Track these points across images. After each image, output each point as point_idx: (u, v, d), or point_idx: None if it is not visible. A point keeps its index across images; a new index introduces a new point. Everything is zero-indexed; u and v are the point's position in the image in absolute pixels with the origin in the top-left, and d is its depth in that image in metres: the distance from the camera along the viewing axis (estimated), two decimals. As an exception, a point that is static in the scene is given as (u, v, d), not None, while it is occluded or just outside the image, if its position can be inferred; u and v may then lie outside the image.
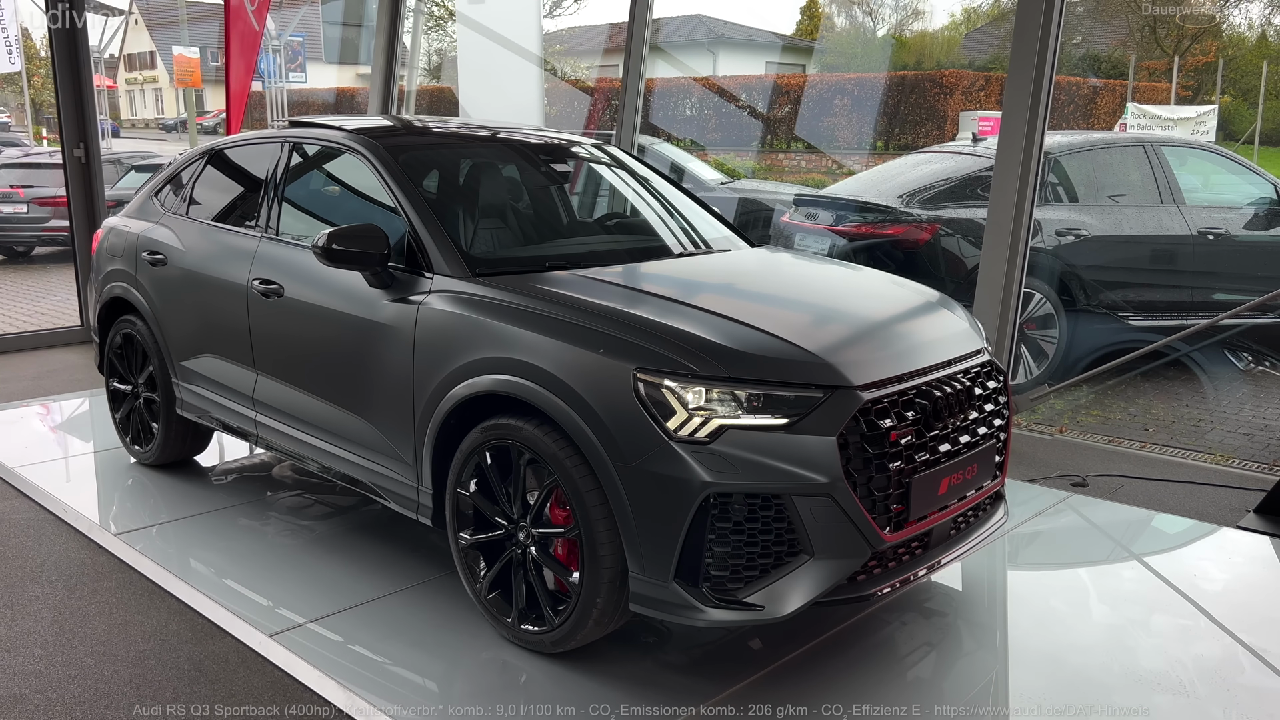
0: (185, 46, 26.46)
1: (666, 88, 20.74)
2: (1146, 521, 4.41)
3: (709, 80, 19.86)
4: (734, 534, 2.80)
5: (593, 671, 3.11)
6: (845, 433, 2.82)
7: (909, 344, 3.18)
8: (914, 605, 3.59)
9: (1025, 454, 5.33)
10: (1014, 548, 4.14)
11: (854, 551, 2.88)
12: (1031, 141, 5.47)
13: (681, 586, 2.82)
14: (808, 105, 21.68)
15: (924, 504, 3.02)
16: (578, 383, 2.93)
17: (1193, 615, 3.54)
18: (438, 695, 3.09)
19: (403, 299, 3.46)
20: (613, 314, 3.06)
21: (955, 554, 3.24)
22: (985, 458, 3.27)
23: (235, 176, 4.54)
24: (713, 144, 20.53)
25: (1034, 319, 6.66)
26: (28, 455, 5.21)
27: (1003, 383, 3.44)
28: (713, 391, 2.82)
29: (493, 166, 4.19)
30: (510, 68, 12.00)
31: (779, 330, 3.05)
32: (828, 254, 7.03)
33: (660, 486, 2.80)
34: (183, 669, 3.17)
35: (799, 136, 21.65)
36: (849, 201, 7.07)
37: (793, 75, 24.39)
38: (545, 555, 3.10)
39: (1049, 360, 6.71)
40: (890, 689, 3.10)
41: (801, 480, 2.78)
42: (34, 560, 3.97)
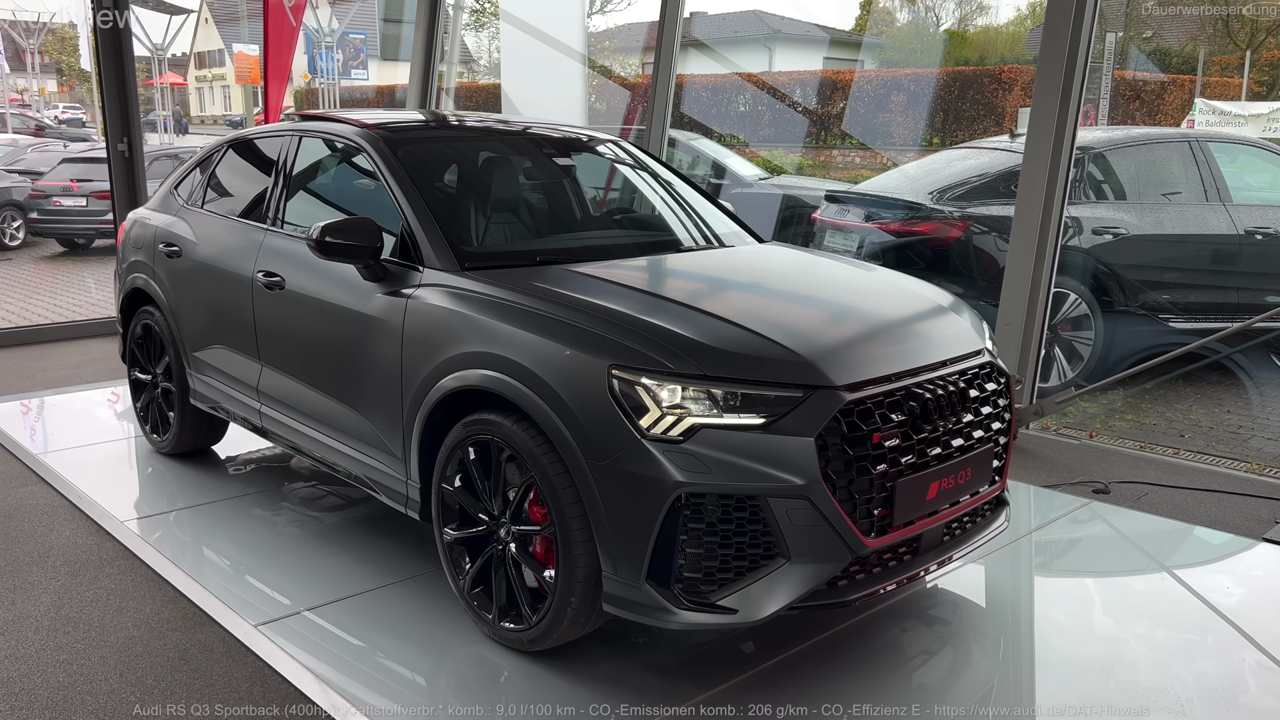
0: (246, 44, 26.96)
1: (712, 83, 20.62)
2: (1165, 531, 4.25)
3: (754, 76, 19.68)
4: (707, 535, 2.74)
5: (573, 670, 3.07)
6: (824, 434, 2.75)
7: (899, 343, 3.10)
8: (916, 611, 3.50)
9: (1049, 459, 5.18)
10: (1022, 554, 4.02)
11: (833, 556, 2.80)
12: (1061, 138, 5.31)
13: (653, 588, 2.77)
14: (863, 101, 21.42)
15: (910, 509, 2.93)
16: (553, 378, 2.90)
17: (1199, 627, 3.40)
18: (416, 691, 3.07)
19: (394, 292, 3.45)
20: (592, 309, 3.02)
21: (946, 560, 3.15)
22: (981, 462, 3.16)
23: (246, 170, 4.59)
24: (763, 140, 20.39)
25: (1068, 320, 6.48)
26: (52, 442, 5.33)
27: (1004, 385, 3.33)
28: (688, 389, 2.77)
29: (497, 161, 4.16)
30: (554, 64, 12.02)
31: (762, 328, 2.98)
32: (857, 251, 6.92)
33: (632, 485, 2.75)
34: (168, 657, 3.20)
35: (851, 133, 21.40)
36: (879, 198, 6.94)
37: (848, 71, 24.11)
38: (523, 552, 3.08)
39: (1084, 363, 6.52)
40: (890, 689, 3.04)
41: (777, 482, 2.71)
42: (43, 545, 4.04)
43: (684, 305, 3.12)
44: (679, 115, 15.08)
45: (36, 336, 8.12)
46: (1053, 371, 6.49)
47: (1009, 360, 5.43)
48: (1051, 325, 6.47)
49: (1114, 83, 17.91)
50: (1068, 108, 5.29)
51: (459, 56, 10.19)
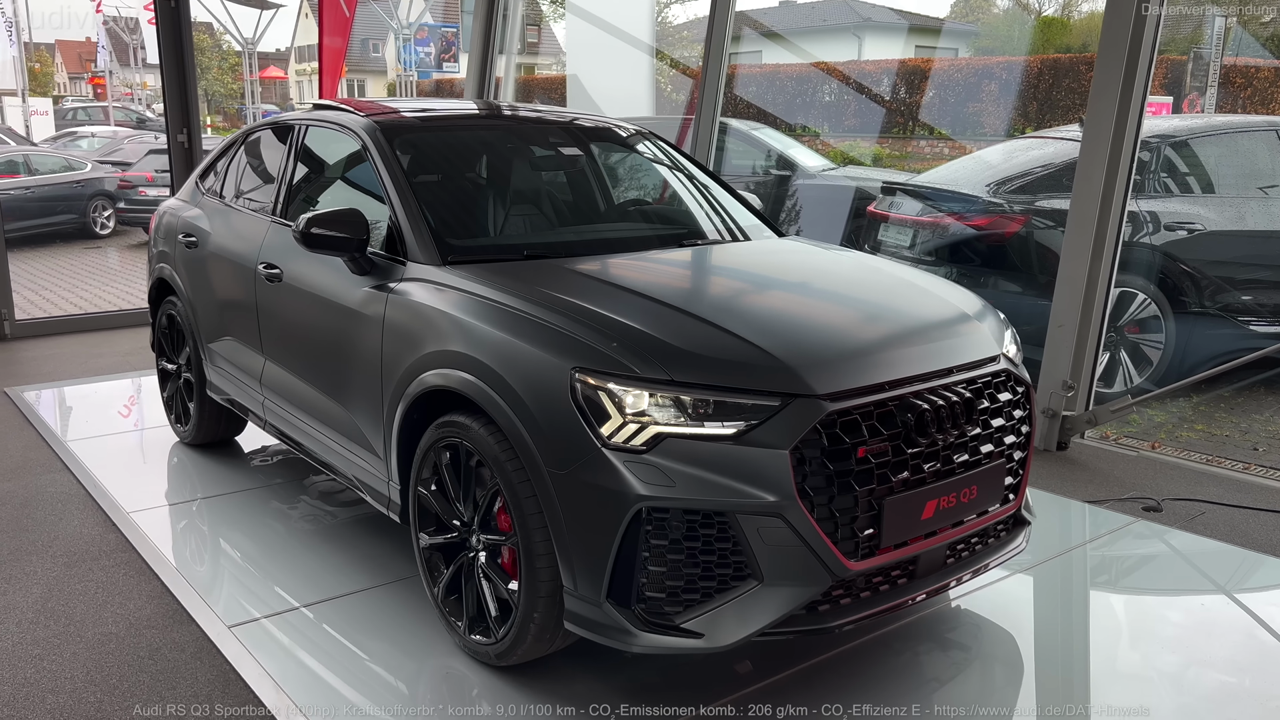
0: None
1: (791, 73, 20.18)
2: (1217, 554, 3.89)
3: (829, 65, 19.20)
4: (671, 553, 2.55)
5: (542, 686, 2.91)
6: (802, 447, 2.53)
7: (895, 349, 2.85)
8: (933, 634, 3.25)
9: (1101, 471, 4.83)
10: (1054, 575, 3.72)
11: (811, 579, 2.58)
12: (1124, 126, 4.94)
13: (614, 607, 2.59)
14: (953, 90, 20.74)
15: (901, 529, 2.69)
16: (516, 380, 2.74)
17: (1236, 665, 3.07)
18: (376, 702, 2.95)
19: (379, 286, 3.34)
20: (563, 307, 2.85)
21: (949, 585, 2.90)
22: (990, 479, 2.90)
23: (258, 160, 4.54)
24: (848, 130, 19.89)
25: (1136, 322, 6.07)
26: (83, 430, 5.39)
27: (1022, 396, 3.05)
28: (656, 396, 2.57)
29: (499, 152, 4.02)
30: (622, 55, 11.89)
31: (744, 330, 2.78)
32: (910, 246, 6.60)
33: (592, 497, 2.57)
34: (138, 657, 3.14)
35: (940, 122, 20.75)
36: (934, 190, 6.61)
37: (939, 59, 23.41)
38: (492, 563, 2.93)
39: (1152, 367, 6.10)
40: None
41: (747, 498, 2.50)
42: (48, 535, 4.05)
43: (665, 304, 2.93)
44: (746, 105, 14.79)
45: (99, 324, 8.30)
46: (1117, 377, 6.09)
47: (1059, 364, 5.09)
48: (1117, 327, 6.08)
49: (1223, 70, 16.96)
50: (1131, 94, 4.91)
51: (521, 47, 10.08)
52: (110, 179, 15.74)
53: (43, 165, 15.87)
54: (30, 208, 14.93)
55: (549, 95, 16.14)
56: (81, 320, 8.43)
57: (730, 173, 9.37)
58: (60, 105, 28.02)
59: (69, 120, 25.68)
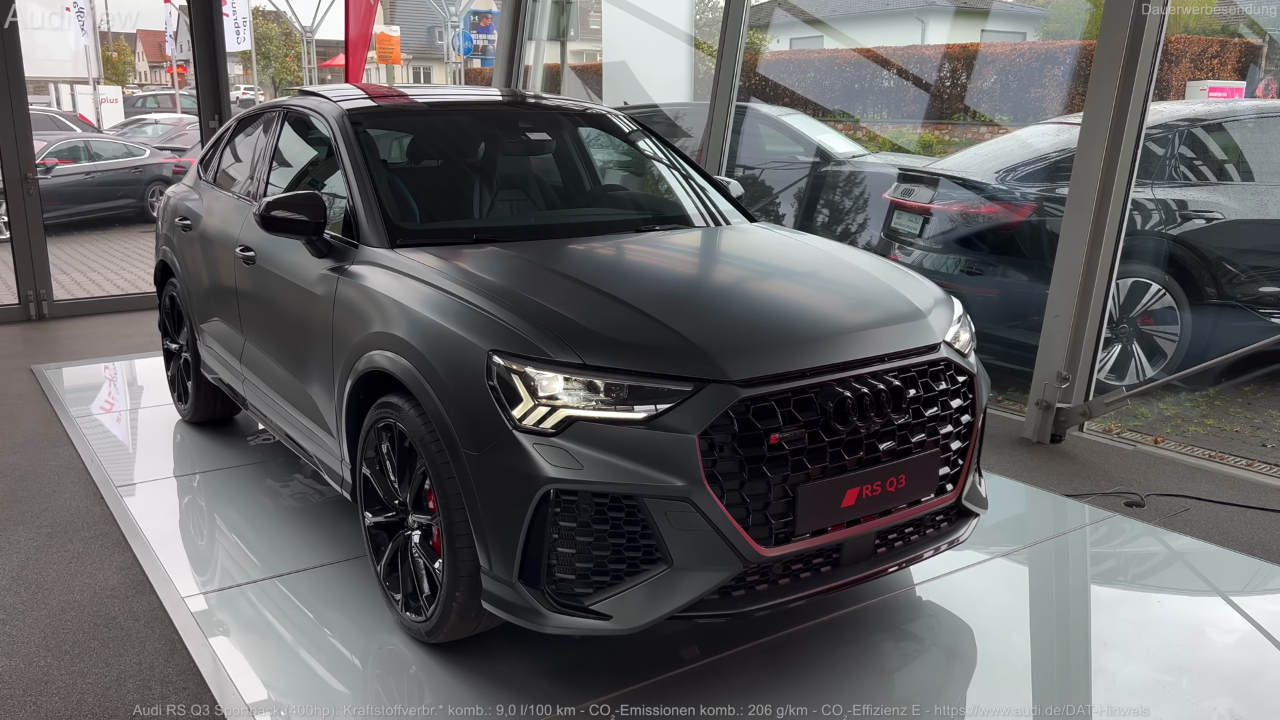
0: (387, 25, 27.80)
1: (828, 58, 19.92)
2: (1188, 551, 3.78)
3: (873, 51, 18.90)
4: (580, 535, 2.57)
5: (474, 666, 2.95)
6: (711, 432, 2.53)
7: (823, 337, 2.82)
8: (889, 624, 3.22)
9: (1091, 464, 4.73)
10: (1013, 569, 3.65)
11: (721, 564, 2.59)
12: (1124, 111, 4.80)
13: (525, 587, 2.62)
14: (1016, 75, 20.29)
15: (819, 516, 2.68)
16: (440, 362, 2.78)
17: (1175, 666, 2.99)
18: (313, 672, 3.02)
19: (335, 268, 3.40)
20: (489, 290, 2.88)
21: (877, 574, 2.87)
22: (921, 468, 2.86)
23: (245, 145, 4.64)
24: (901, 116, 19.59)
25: (1149, 313, 5.91)
26: (93, 406, 5.57)
27: (964, 386, 3.01)
28: (569, 379, 2.59)
29: (464, 138, 4.06)
30: (658, 44, 11.90)
31: (667, 315, 2.78)
32: (919, 233, 6.50)
33: (504, 479, 2.60)
34: (95, 625, 3.25)
35: (998, 108, 20.31)
36: (945, 177, 6.49)
37: (1002, 44, 22.90)
38: (423, 542, 2.98)
39: (1166, 360, 5.93)
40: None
41: (654, 482, 2.51)
42: (39, 506, 4.21)
43: (594, 289, 2.94)
44: (782, 91, 14.66)
45: (133, 305, 8.55)
46: (1129, 369, 5.94)
47: (1054, 355, 4.98)
48: (1129, 318, 5.93)
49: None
50: (1132, 79, 4.78)
51: (574, 34, 10.12)
52: (167, 165, 16.16)
53: (104, 151, 16.36)
54: (90, 192, 15.42)
55: (590, 82, 16.19)
56: (116, 301, 8.70)
57: (753, 159, 9.32)
58: (130, 93, 28.79)
59: (138, 108, 26.44)
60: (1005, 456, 4.83)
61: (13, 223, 7.89)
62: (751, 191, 9.16)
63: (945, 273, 6.26)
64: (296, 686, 2.93)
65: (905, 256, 6.57)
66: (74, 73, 27.11)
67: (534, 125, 4.16)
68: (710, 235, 3.75)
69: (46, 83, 25.98)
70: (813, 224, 8.51)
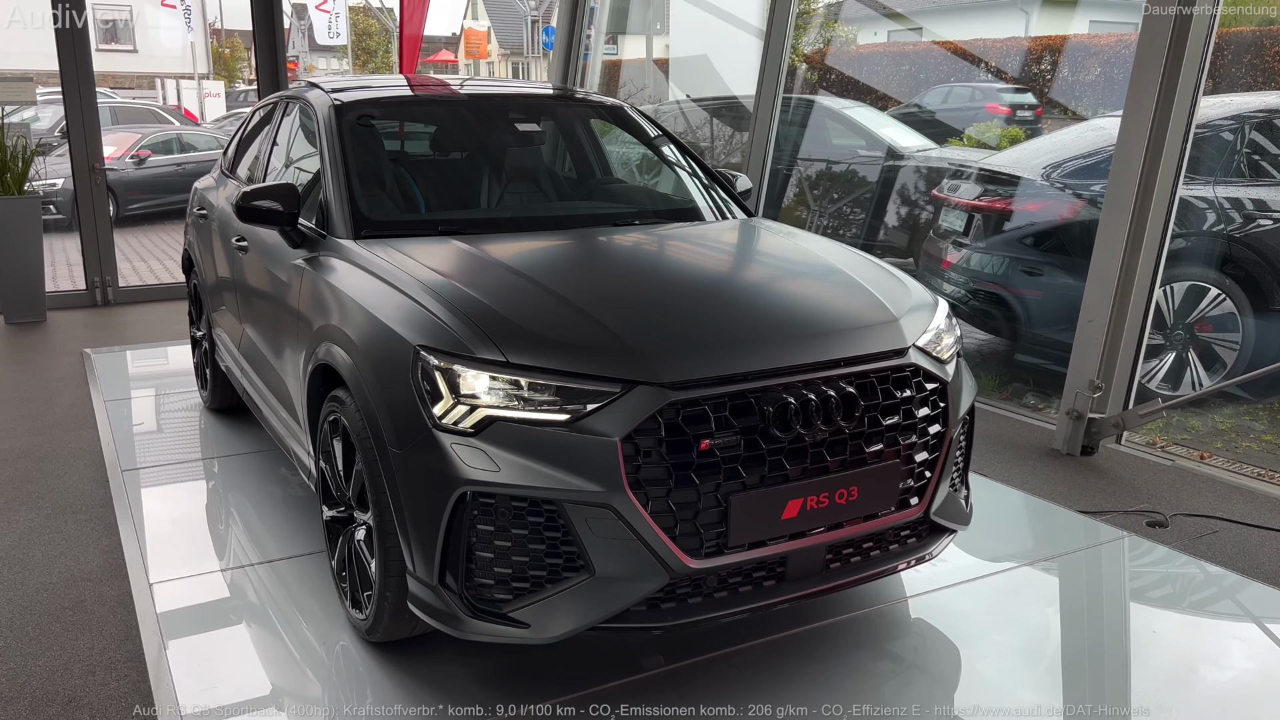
0: (474, 20, 28.09)
1: (905, 51, 19.40)
2: (1205, 577, 3.50)
3: (955, 44, 18.35)
4: (498, 539, 2.49)
5: (421, 666, 2.90)
6: (636, 436, 2.42)
7: (769, 338, 2.67)
8: (868, 641, 3.06)
9: (1121, 479, 4.44)
10: (1009, 582, 3.42)
11: (646, 574, 2.47)
12: (1169, 104, 4.49)
13: (445, 591, 2.54)
14: (1122, 66, 19.47)
15: (756, 528, 2.54)
16: (373, 356, 2.73)
17: (1159, 705, 2.76)
18: (252, 663, 3.00)
19: (306, 259, 3.38)
20: (433, 284, 2.80)
21: (825, 589, 2.72)
22: (877, 480, 2.70)
23: (256, 136, 4.67)
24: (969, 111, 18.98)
25: (1208, 319, 5.54)
26: (125, 390, 5.71)
27: (934, 394, 2.82)
28: (492, 378, 2.50)
29: (454, 130, 4.00)
30: (730, 38, 11.74)
31: (606, 313, 2.67)
32: (964, 231, 6.22)
33: (424, 478, 2.53)
34: (63, 607, 3.30)
35: (1101, 101, 19.46)
36: (992, 173, 6.20)
37: (1108, 35, 21.99)
38: (366, 540, 2.93)
39: (1227, 369, 5.56)
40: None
41: (573, 487, 2.41)
42: (47, 487, 4.31)
43: (539, 284, 2.85)
44: (855, 85, 14.29)
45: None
46: (1184, 378, 5.58)
47: (1087, 362, 4.70)
48: (1185, 324, 5.57)
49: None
50: (1178, 71, 4.46)
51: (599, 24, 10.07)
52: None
53: (196, 144, 16.91)
54: (180, 183, 15.93)
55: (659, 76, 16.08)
56: (177, 289, 8.92)
57: (818, 154, 9.09)
58: (233, 88, 29.75)
59: (239, 102, 27.31)
60: (1029, 468, 4.57)
61: (81, 212, 8.16)
62: (807, 187, 8.94)
63: (989, 273, 5.98)
64: (235, 682, 2.90)
65: (953, 256, 6.31)
66: (180, 68, 28.20)
67: (526, 117, 4.08)
68: (687, 231, 3.62)
69: (154, 78, 27.07)
70: (864, 220, 8.26)
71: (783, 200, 8.87)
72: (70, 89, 7.91)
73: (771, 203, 7.63)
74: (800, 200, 9.08)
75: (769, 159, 7.25)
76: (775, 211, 7.89)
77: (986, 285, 6.07)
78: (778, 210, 8.47)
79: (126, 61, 31.03)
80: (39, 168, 8.31)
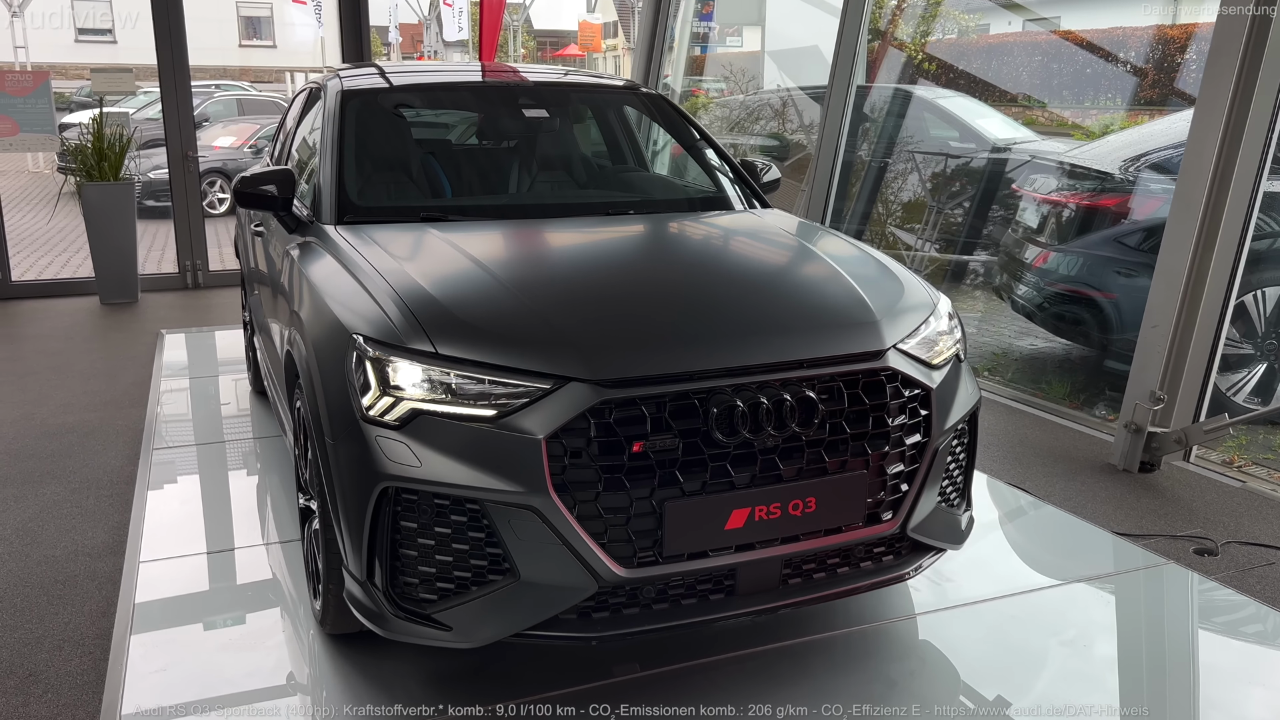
0: (589, 14, 28.16)
1: (1038, 41, 18.52)
2: (1243, 614, 3.14)
3: (1073, 34, 17.43)
4: (422, 537, 2.39)
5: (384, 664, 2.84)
6: (564, 435, 2.29)
7: (719, 335, 2.50)
8: (858, 664, 2.87)
9: (1181, 501, 4.06)
10: (1019, 607, 3.15)
11: (573, 581, 2.34)
12: (1248, 93, 4.10)
13: (373, 588, 2.47)
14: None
15: (695, 537, 2.39)
16: (321, 344, 2.68)
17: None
18: (211, 645, 2.99)
19: (299, 244, 3.36)
20: (383, 271, 2.73)
21: (780, 606, 2.53)
22: (838, 492, 2.50)
23: (287, 123, 4.70)
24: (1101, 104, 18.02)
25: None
26: (182, 371, 5.86)
27: (915, 400, 2.60)
28: (421, 369, 2.40)
29: (463, 115, 3.93)
30: (821, 28, 11.46)
31: (550, 304, 2.56)
32: (1038, 228, 5.84)
33: (352, 471, 2.46)
34: (57, 581, 3.37)
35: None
36: (1071, 167, 5.80)
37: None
38: (316, 530, 2.88)
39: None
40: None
41: (492, 487, 2.30)
42: (81, 463, 4.44)
43: (490, 272, 2.75)
44: (956, 74, 13.71)
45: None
46: (1276, 393, 5.11)
47: (1149, 371, 4.32)
48: (1278, 333, 5.10)
49: None
50: (1260, 58, 4.05)
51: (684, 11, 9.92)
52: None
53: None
54: (296, 171, 16.54)
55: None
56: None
57: (910, 146, 8.72)
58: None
59: (365, 94, 28.07)
60: (1077, 483, 4.24)
61: (174, 198, 8.47)
62: (893, 181, 8.59)
63: (1064, 273, 5.59)
64: (191, 668, 2.87)
65: (1031, 255, 5.93)
66: (313, 63, 29.22)
67: (534, 104, 3.98)
68: (676, 222, 3.46)
69: (284, 72, 28.09)
70: (943, 215, 7.88)
71: (854, 192, 8.50)
72: (166, 83, 8.21)
73: (842, 195, 7.33)
74: (889, 193, 8.73)
75: (840, 150, 6.97)
76: (843, 204, 7.58)
77: (1063, 287, 5.68)
78: (844, 203, 8.11)
79: (266, 56, 32.41)
80: (144, 157, 8.66)
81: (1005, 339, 6.68)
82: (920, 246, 7.71)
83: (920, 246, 7.71)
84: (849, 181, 7.72)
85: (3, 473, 4.33)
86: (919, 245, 7.73)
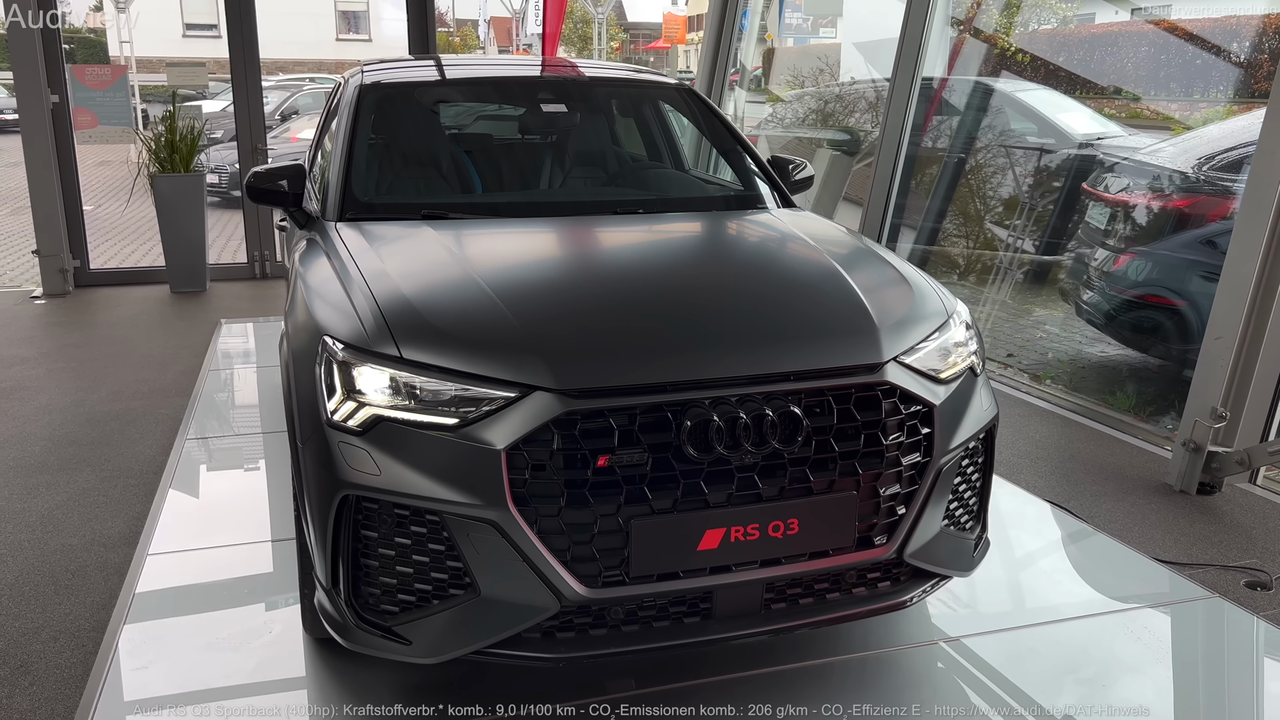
0: (674, 6, 27.95)
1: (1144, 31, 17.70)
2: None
3: (1173, 24, 16.59)
4: (382, 547, 2.32)
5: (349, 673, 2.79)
6: (525, 447, 2.19)
7: (698, 344, 2.37)
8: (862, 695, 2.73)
9: (1238, 527, 3.78)
10: (1044, 637, 2.94)
11: (535, 600, 2.24)
12: (1328, 82, 3.77)
13: (337, 597, 2.40)
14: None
15: (664, 558, 2.27)
16: (298, 345, 2.62)
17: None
18: (196, 646, 2.97)
19: (308, 240, 3.33)
20: (365, 271, 2.67)
21: (760, 632, 2.40)
22: (824, 513, 2.35)
23: (321, 117, 4.70)
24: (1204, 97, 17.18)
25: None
26: (231, 361, 5.94)
27: (915, 417, 2.43)
28: (388, 375, 2.33)
29: (470, 112, 3.86)
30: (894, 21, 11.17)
31: (525, 310, 2.46)
32: (1105, 229, 5.52)
33: (317, 476, 2.40)
34: (68, 570, 3.41)
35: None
36: (1142, 165, 5.47)
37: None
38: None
39: None
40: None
41: (449, 499, 2.21)
42: (117, 450, 4.52)
43: (473, 275, 2.66)
44: (1043, 66, 13.16)
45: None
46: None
47: (1211, 386, 4.03)
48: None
49: None
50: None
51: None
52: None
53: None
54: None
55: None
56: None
57: (986, 141, 8.39)
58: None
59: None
60: (1127, 503, 3.97)
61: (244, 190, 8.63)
62: (969, 176, 8.26)
63: (1130, 278, 5.28)
64: (180, 668, 2.87)
65: (1102, 258, 5.62)
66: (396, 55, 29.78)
67: (556, 98, 3.87)
68: (683, 222, 3.33)
69: (371, 65, 28.72)
70: (1014, 215, 7.54)
71: (916, 187, 8.19)
72: (237, 77, 8.35)
73: (902, 191, 7.07)
74: (960, 191, 8.40)
75: (904, 145, 6.72)
76: (905, 200, 7.29)
77: (1130, 293, 5.37)
78: (907, 199, 7.80)
79: (361, 50, 33.17)
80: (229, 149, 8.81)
81: (1075, 344, 6.36)
82: (1010, 243, 7.38)
83: (1010, 243, 7.38)
84: (914, 177, 7.44)
85: (41, 459, 4.42)
86: (1010, 241, 7.40)
